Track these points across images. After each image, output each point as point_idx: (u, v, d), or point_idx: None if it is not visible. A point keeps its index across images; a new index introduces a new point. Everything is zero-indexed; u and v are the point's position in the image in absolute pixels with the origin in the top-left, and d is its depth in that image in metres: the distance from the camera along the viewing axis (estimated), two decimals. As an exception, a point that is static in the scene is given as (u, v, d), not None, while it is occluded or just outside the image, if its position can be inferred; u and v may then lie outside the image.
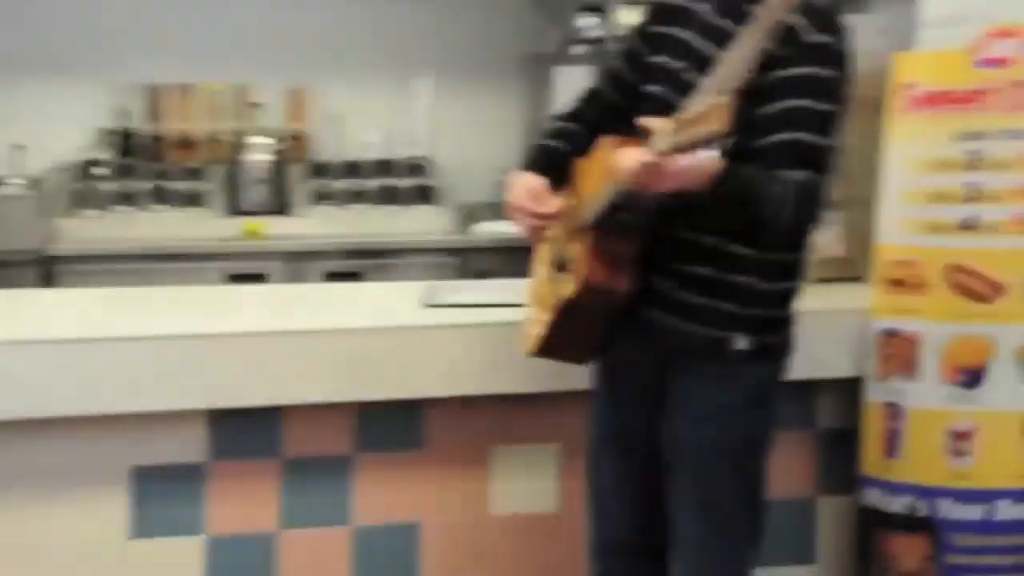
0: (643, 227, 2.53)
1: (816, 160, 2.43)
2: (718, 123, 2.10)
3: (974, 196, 3.02)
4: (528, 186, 2.64)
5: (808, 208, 2.43)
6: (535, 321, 2.77)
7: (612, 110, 2.76)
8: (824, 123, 2.45)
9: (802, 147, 2.42)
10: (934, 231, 3.06)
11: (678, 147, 2.19)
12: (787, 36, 2.46)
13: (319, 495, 3.02)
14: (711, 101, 2.16)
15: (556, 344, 2.69)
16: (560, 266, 2.67)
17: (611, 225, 2.50)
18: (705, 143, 2.18)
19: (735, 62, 2.45)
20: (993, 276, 3.01)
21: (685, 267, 2.55)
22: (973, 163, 3.02)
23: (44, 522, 2.87)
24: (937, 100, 3.06)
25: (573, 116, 2.81)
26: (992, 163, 3.01)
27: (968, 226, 3.02)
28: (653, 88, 2.63)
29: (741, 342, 2.55)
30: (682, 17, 2.63)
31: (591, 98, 2.81)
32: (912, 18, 3.58)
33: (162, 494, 2.93)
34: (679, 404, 2.59)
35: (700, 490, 2.59)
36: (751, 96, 2.42)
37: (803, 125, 2.41)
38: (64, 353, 2.81)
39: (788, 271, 2.61)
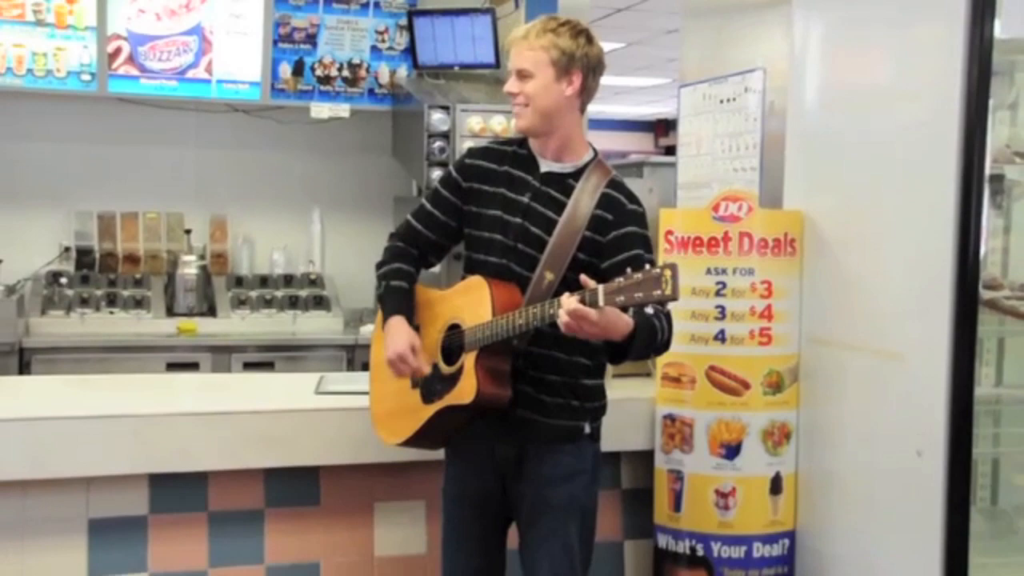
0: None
1: None
2: (670, 289, 2.11)
3: (722, 316, 3.10)
4: (409, 343, 2.59)
5: (671, 331, 2.51)
6: (393, 422, 2.75)
7: (432, 247, 2.76)
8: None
9: None
10: (695, 341, 3.11)
11: (622, 304, 2.18)
12: (612, 206, 2.56)
13: (238, 541, 3.00)
14: (652, 270, 2.15)
15: (422, 437, 2.68)
16: (415, 382, 2.66)
17: (500, 348, 2.50)
18: (649, 304, 2.16)
19: (576, 221, 2.53)
20: (740, 375, 3.10)
21: (541, 375, 2.58)
22: (720, 291, 3.10)
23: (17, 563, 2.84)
24: (691, 244, 3.12)
25: (403, 254, 2.75)
26: (733, 292, 3.10)
27: (719, 338, 3.10)
28: (488, 234, 2.63)
29: (587, 427, 2.63)
30: (504, 179, 2.65)
31: (415, 236, 2.75)
32: (672, 181, 3.81)
33: (114, 540, 2.91)
34: (541, 472, 2.60)
35: (559, 538, 2.60)
36: (595, 250, 2.53)
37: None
38: (37, 428, 2.80)
39: (601, 371, 2.68)
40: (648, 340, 2.43)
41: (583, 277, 2.28)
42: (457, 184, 2.72)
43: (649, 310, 2.41)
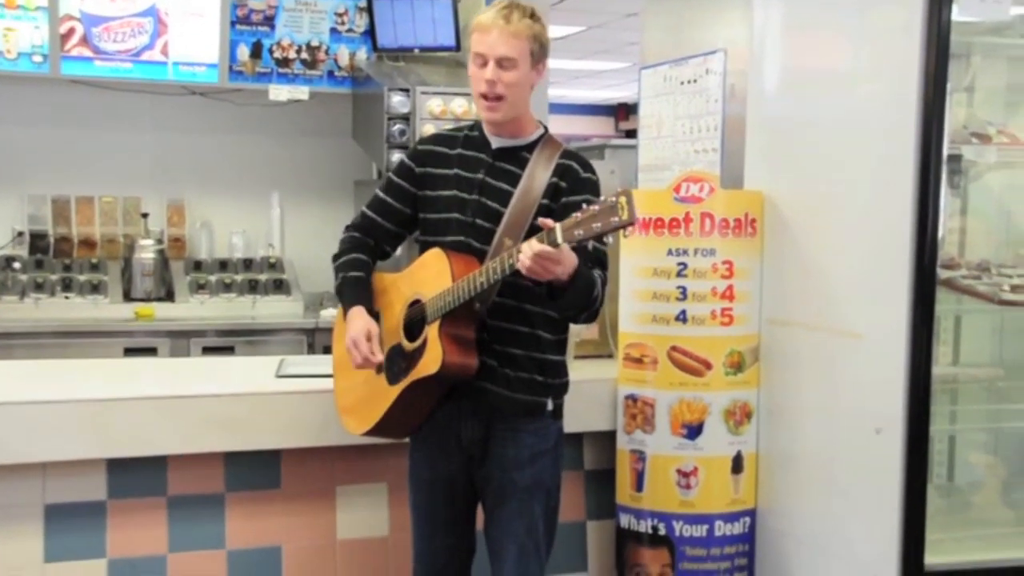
0: (483, 316, 2.55)
1: (604, 262, 2.55)
2: (627, 214, 2.14)
3: (683, 296, 3.11)
4: (366, 331, 2.61)
5: (604, 296, 2.54)
6: (360, 409, 2.73)
7: (387, 236, 2.77)
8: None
9: (596, 253, 2.53)
10: (657, 322, 3.13)
11: (581, 238, 2.20)
12: (567, 173, 2.59)
13: (199, 525, 2.97)
14: (607, 199, 2.17)
15: (390, 421, 2.66)
16: (379, 367, 2.64)
17: (463, 315, 2.50)
18: (608, 233, 2.18)
19: (532, 191, 2.56)
20: (702, 355, 3.11)
21: (505, 349, 2.59)
22: (681, 272, 3.11)
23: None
24: (652, 225, 3.12)
25: (359, 243, 2.76)
26: (694, 272, 3.11)
27: (681, 318, 3.11)
28: (445, 215, 2.64)
29: (550, 404, 2.65)
30: (456, 161, 2.67)
31: (370, 226, 2.77)
32: (634, 164, 3.81)
33: (71, 526, 2.87)
34: (506, 454, 2.61)
35: (524, 519, 2.61)
36: (548, 216, 2.49)
37: None
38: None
39: (563, 348, 2.70)
40: (586, 289, 2.44)
41: (542, 219, 2.31)
42: (410, 170, 2.74)
43: (595, 271, 2.47)
